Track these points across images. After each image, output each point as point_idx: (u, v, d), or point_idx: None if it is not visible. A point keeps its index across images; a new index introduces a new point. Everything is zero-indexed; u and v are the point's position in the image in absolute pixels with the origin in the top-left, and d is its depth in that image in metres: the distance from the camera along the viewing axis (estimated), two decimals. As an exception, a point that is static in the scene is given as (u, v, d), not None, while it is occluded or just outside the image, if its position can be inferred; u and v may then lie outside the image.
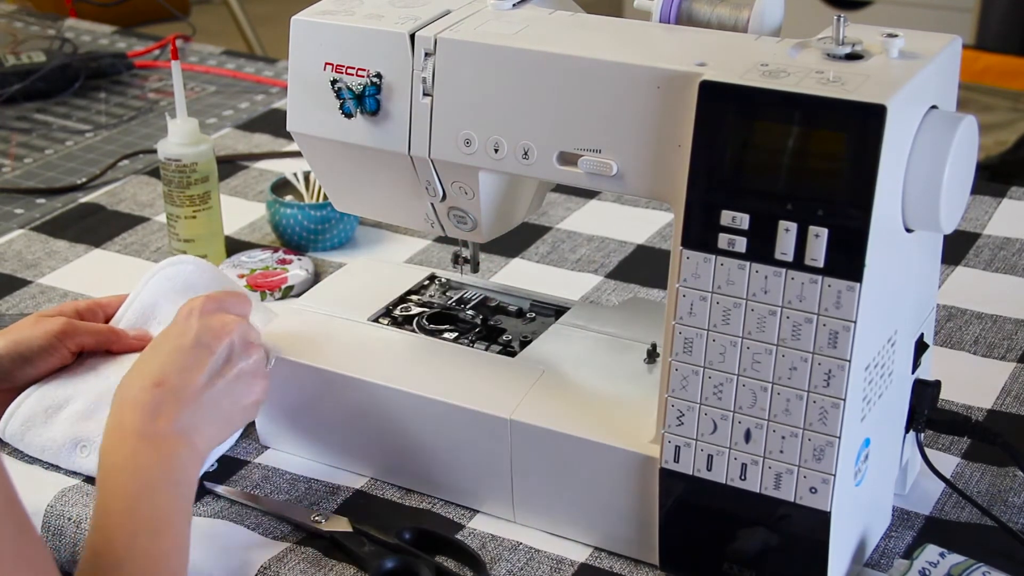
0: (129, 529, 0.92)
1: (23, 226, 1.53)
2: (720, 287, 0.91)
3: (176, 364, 1.00)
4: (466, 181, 1.03)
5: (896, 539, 1.03)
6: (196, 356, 1.01)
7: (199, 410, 0.99)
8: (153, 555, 0.91)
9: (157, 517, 0.93)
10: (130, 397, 0.99)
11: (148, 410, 0.97)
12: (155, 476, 0.95)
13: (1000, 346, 1.26)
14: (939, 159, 0.90)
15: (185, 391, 0.99)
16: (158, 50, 2.01)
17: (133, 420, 0.97)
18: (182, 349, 1.01)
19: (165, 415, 0.97)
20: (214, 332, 1.02)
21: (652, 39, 0.99)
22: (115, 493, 0.94)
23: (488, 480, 1.05)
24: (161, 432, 0.97)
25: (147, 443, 0.96)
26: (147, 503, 0.93)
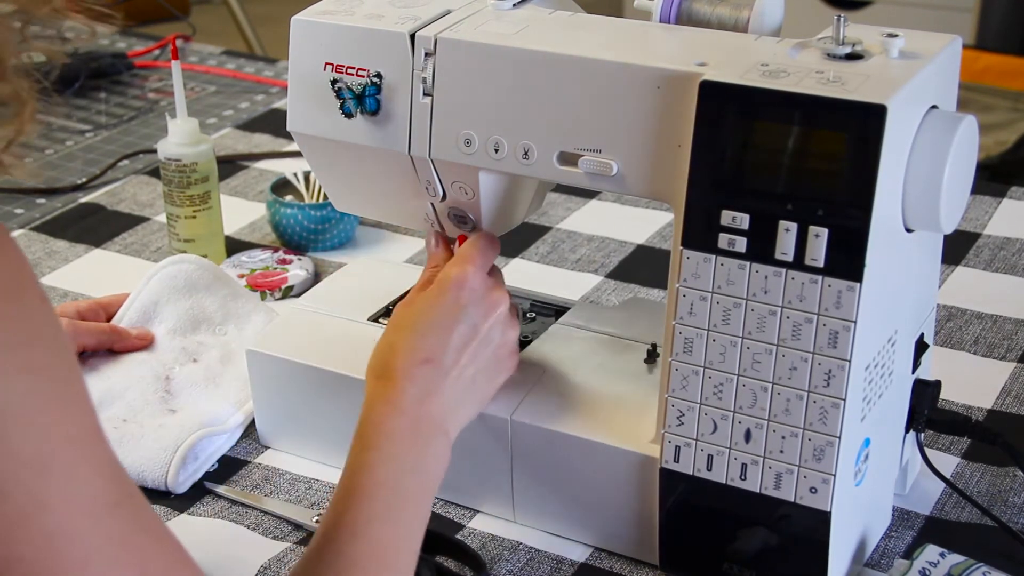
0: (366, 513, 0.88)
1: (23, 226, 1.53)
2: (720, 287, 0.91)
3: (445, 342, 0.95)
4: (466, 181, 1.03)
5: (896, 539, 1.03)
6: (464, 335, 0.96)
7: (461, 391, 0.96)
8: (383, 542, 0.88)
9: (397, 505, 0.89)
10: (400, 368, 0.94)
11: (418, 389, 0.93)
12: (408, 462, 0.91)
13: (1000, 346, 1.26)
14: (939, 159, 0.90)
15: (451, 374, 0.95)
16: (158, 50, 2.01)
17: (403, 395, 0.93)
18: (450, 326, 0.96)
19: (432, 399, 0.94)
20: (483, 311, 0.98)
21: (652, 39, 0.99)
22: (363, 473, 0.90)
23: (488, 480, 1.05)
24: (426, 416, 0.93)
25: (411, 425, 0.92)
26: (392, 489, 0.89)
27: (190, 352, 1.20)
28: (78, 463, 0.69)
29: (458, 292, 0.97)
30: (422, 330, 0.96)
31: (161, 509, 1.08)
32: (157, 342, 1.21)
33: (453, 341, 0.96)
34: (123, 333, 1.20)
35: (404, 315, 0.98)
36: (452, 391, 0.95)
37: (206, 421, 1.13)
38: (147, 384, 1.17)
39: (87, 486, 0.69)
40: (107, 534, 0.69)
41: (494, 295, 0.99)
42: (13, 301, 0.67)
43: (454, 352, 0.95)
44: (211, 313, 1.24)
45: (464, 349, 0.96)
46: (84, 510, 0.68)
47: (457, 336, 0.96)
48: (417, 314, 0.97)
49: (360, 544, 0.86)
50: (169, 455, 1.09)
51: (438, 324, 0.96)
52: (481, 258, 1.00)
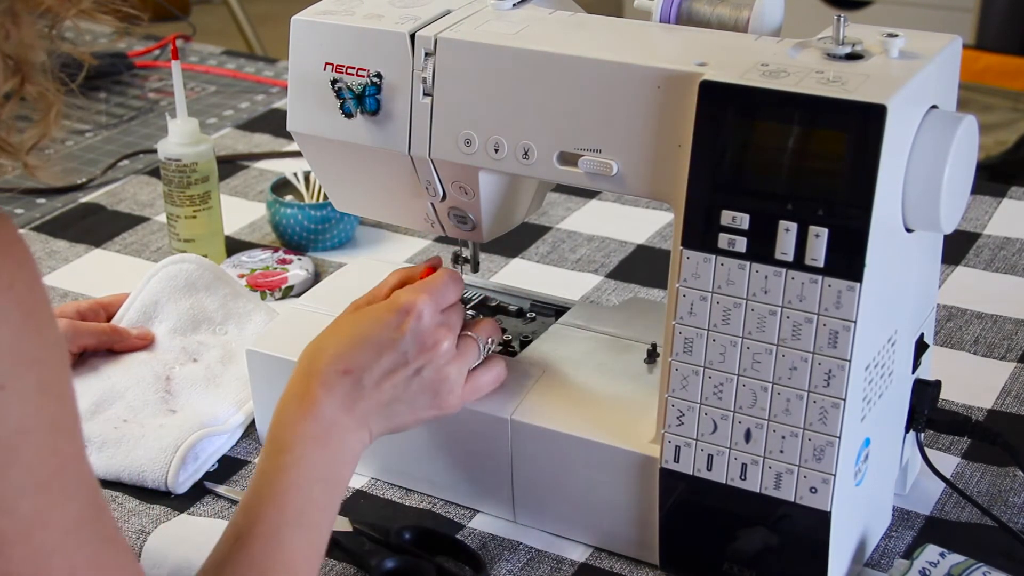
0: (278, 519, 0.88)
1: (23, 226, 1.53)
2: (720, 287, 0.91)
3: (371, 362, 0.95)
4: (466, 181, 1.03)
5: (896, 539, 1.03)
6: (393, 363, 0.96)
7: (373, 413, 0.95)
8: (294, 549, 0.88)
9: (307, 511, 0.90)
10: (321, 370, 0.94)
11: (334, 397, 0.93)
12: (319, 469, 0.91)
13: (1000, 346, 1.26)
14: (939, 159, 0.90)
15: (370, 394, 0.95)
16: (158, 50, 2.01)
17: (319, 401, 0.93)
18: (382, 348, 0.95)
19: (347, 408, 0.94)
20: (419, 345, 0.96)
21: (652, 39, 0.99)
22: (273, 477, 0.90)
23: (488, 480, 1.05)
24: (338, 424, 0.93)
25: (323, 431, 0.92)
26: (303, 495, 0.90)
27: (190, 352, 1.20)
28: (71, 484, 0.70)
29: (403, 317, 0.96)
30: (354, 343, 0.96)
31: (161, 509, 1.08)
32: (157, 342, 1.21)
33: (380, 364, 0.95)
34: (123, 333, 1.20)
35: (345, 322, 0.99)
36: (367, 407, 0.95)
37: (206, 421, 1.13)
38: (147, 384, 1.17)
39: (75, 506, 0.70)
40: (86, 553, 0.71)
41: (439, 331, 0.97)
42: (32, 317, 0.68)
43: (378, 373, 0.95)
44: (211, 313, 1.24)
45: (389, 375, 0.95)
46: (70, 530, 0.70)
47: (385, 360, 0.95)
48: (356, 325, 0.97)
49: (272, 551, 0.87)
50: (169, 455, 1.09)
51: (371, 342, 0.96)
52: (438, 293, 0.99)
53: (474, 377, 1.01)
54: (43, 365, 0.68)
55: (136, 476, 1.10)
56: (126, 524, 1.06)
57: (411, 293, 0.98)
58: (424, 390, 0.97)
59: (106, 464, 1.10)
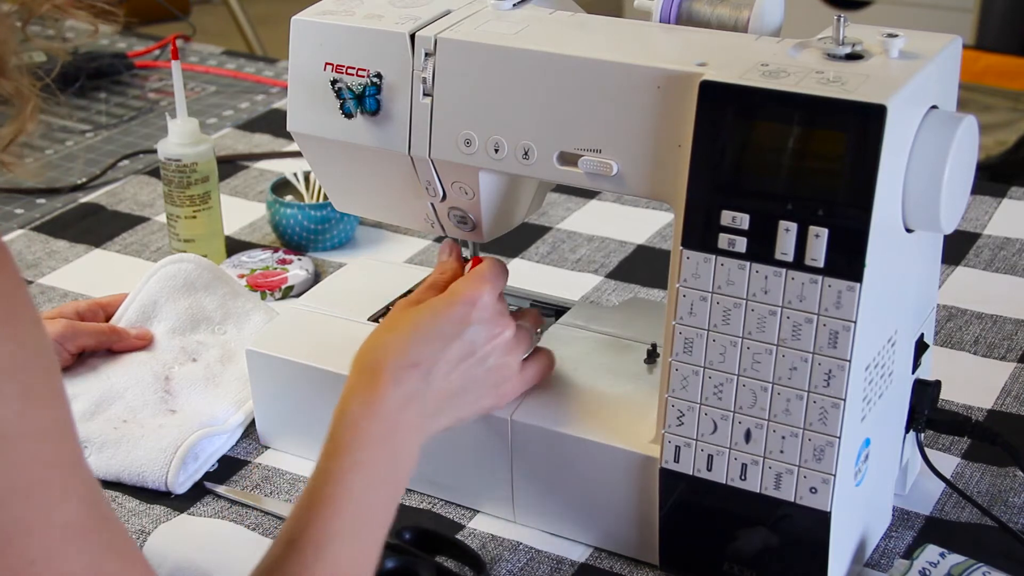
0: (333, 528, 0.85)
1: (23, 226, 1.53)
2: (720, 287, 0.91)
3: (440, 353, 0.93)
4: (466, 181, 1.03)
5: (896, 539, 1.03)
6: (462, 352, 0.95)
7: (441, 405, 0.94)
8: (348, 560, 0.85)
9: (364, 520, 0.87)
10: (387, 366, 0.91)
11: (402, 394, 0.91)
12: (379, 473, 0.89)
13: (1000, 346, 1.26)
14: (939, 159, 0.90)
15: (438, 387, 0.93)
16: (158, 50, 2.01)
17: (387, 396, 0.90)
18: (451, 339, 0.94)
19: (413, 406, 0.91)
20: (487, 333, 0.96)
21: (652, 39, 0.99)
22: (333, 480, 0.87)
23: (488, 480, 1.05)
24: (404, 423, 0.91)
25: (387, 431, 0.90)
26: (360, 502, 0.87)
27: (189, 352, 1.20)
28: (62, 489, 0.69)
29: (468, 308, 0.95)
30: (420, 335, 0.94)
31: (161, 509, 1.08)
32: (156, 341, 1.21)
33: (449, 354, 0.94)
34: (122, 333, 1.20)
35: (404, 317, 0.96)
36: (433, 401, 0.93)
37: (206, 421, 1.13)
38: (147, 384, 1.17)
39: (68, 512, 0.69)
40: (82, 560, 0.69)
41: (502, 320, 0.98)
42: (8, 324, 0.66)
43: (446, 364, 0.94)
44: (210, 312, 1.24)
45: (457, 364, 0.95)
46: (64, 536, 0.68)
47: (454, 350, 0.94)
48: (419, 319, 0.95)
49: (325, 561, 0.84)
50: (169, 455, 1.09)
51: (438, 334, 0.94)
52: (497, 281, 0.99)
53: (526, 367, 1.01)
54: (25, 371, 0.67)
55: (136, 476, 1.10)
56: (126, 524, 1.06)
57: (473, 284, 0.97)
58: (488, 380, 0.97)
59: (106, 464, 1.10)
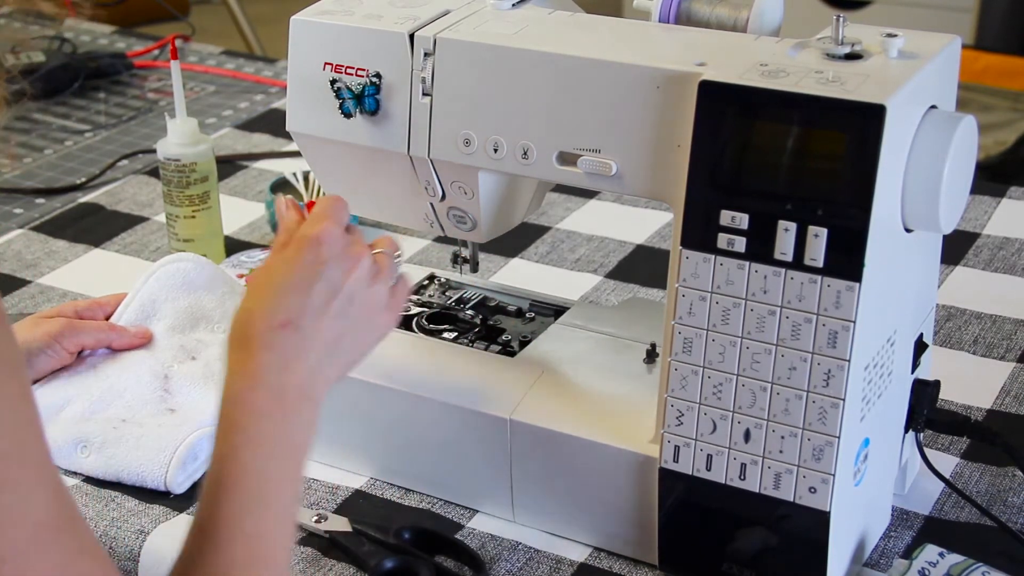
0: (237, 505, 0.83)
1: (23, 226, 1.53)
2: (719, 287, 0.91)
3: (304, 303, 0.89)
4: (466, 181, 1.03)
5: (895, 539, 1.03)
6: (325, 295, 0.90)
7: (325, 354, 0.90)
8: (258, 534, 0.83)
9: (268, 491, 0.85)
10: (257, 335, 0.88)
11: (277, 356, 0.87)
12: (274, 442, 0.86)
13: (999, 346, 1.26)
14: (939, 159, 0.90)
15: (314, 336, 0.89)
16: (157, 50, 2.01)
17: (264, 366, 0.87)
18: (308, 286, 0.90)
19: (294, 365, 0.88)
20: (344, 268, 0.91)
21: (652, 39, 0.99)
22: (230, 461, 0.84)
23: (488, 480, 1.05)
24: (289, 385, 0.87)
25: (274, 398, 0.86)
26: (260, 474, 0.84)
27: (189, 350, 1.20)
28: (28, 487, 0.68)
29: (316, 248, 0.91)
30: (280, 292, 0.90)
31: (160, 509, 1.08)
32: (156, 340, 1.21)
33: (313, 301, 0.89)
34: (121, 331, 1.20)
35: (259, 280, 0.92)
36: (315, 353, 0.89)
37: (205, 420, 1.13)
38: (146, 383, 1.16)
39: (35, 511, 0.69)
40: (52, 559, 0.69)
41: (354, 250, 0.93)
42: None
43: (314, 312, 0.89)
44: (209, 311, 1.24)
45: (325, 308, 0.90)
46: (31, 535, 0.68)
47: (316, 295, 0.90)
48: (273, 275, 0.91)
49: (236, 542, 0.82)
50: (168, 455, 1.09)
51: (296, 284, 0.90)
52: (337, 215, 0.94)
53: (394, 292, 0.97)
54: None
55: (135, 476, 1.10)
56: (125, 524, 1.06)
57: (313, 223, 0.93)
58: (362, 314, 0.93)
59: (105, 464, 1.10)
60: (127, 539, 1.05)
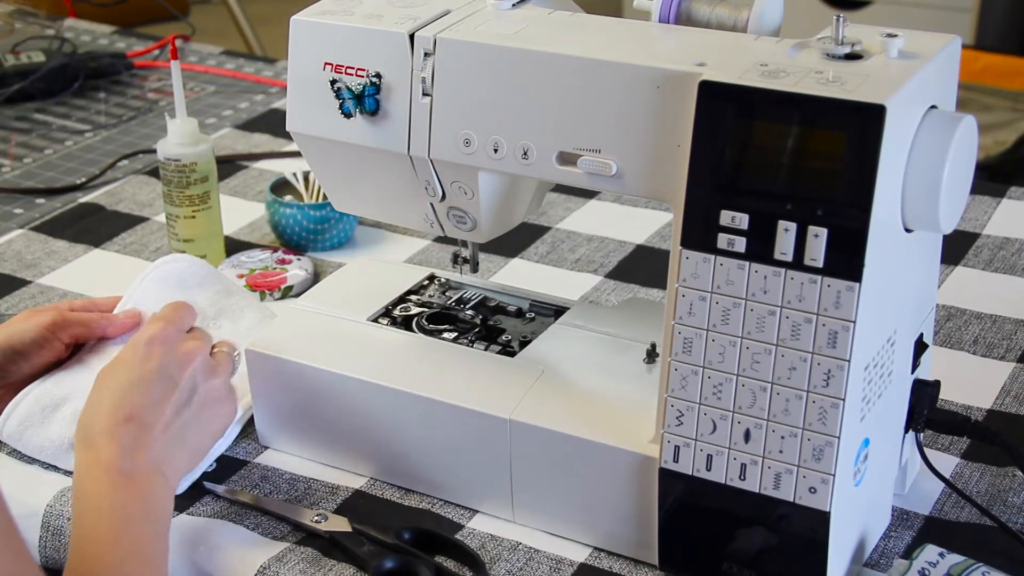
0: (114, 558, 0.91)
1: (23, 226, 1.53)
2: (719, 287, 0.91)
3: (144, 398, 0.99)
4: (466, 181, 1.03)
5: (895, 539, 1.03)
6: (162, 389, 1.00)
7: (170, 443, 0.99)
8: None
9: (139, 549, 0.93)
10: (103, 430, 0.97)
11: (124, 446, 0.96)
12: (134, 511, 0.94)
13: (1000, 346, 1.26)
14: (939, 159, 0.90)
15: (156, 426, 0.99)
16: (157, 50, 2.01)
17: (110, 455, 0.96)
18: (147, 382, 1.00)
19: (140, 451, 0.97)
20: (178, 362, 1.02)
21: (652, 39, 0.99)
22: (96, 527, 0.93)
23: (488, 480, 1.05)
24: (138, 468, 0.96)
25: (124, 479, 0.95)
26: (128, 536, 0.93)
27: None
28: None
29: (150, 349, 1.01)
30: (122, 390, 0.99)
31: (160, 509, 1.08)
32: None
33: (152, 395, 0.99)
34: (112, 319, 1.20)
35: (105, 377, 1.01)
36: (160, 443, 0.98)
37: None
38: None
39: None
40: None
41: (186, 346, 1.04)
42: None
43: (154, 407, 0.99)
44: (204, 308, 1.23)
45: (165, 402, 1.00)
46: None
47: (156, 391, 1.00)
48: (116, 374, 1.01)
49: None
50: (168, 455, 1.09)
51: (137, 382, 1.00)
52: (174, 316, 1.06)
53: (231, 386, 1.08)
54: None
55: (135, 476, 1.10)
56: (125, 524, 1.06)
57: (147, 326, 1.05)
58: (204, 404, 1.03)
59: (105, 464, 1.10)
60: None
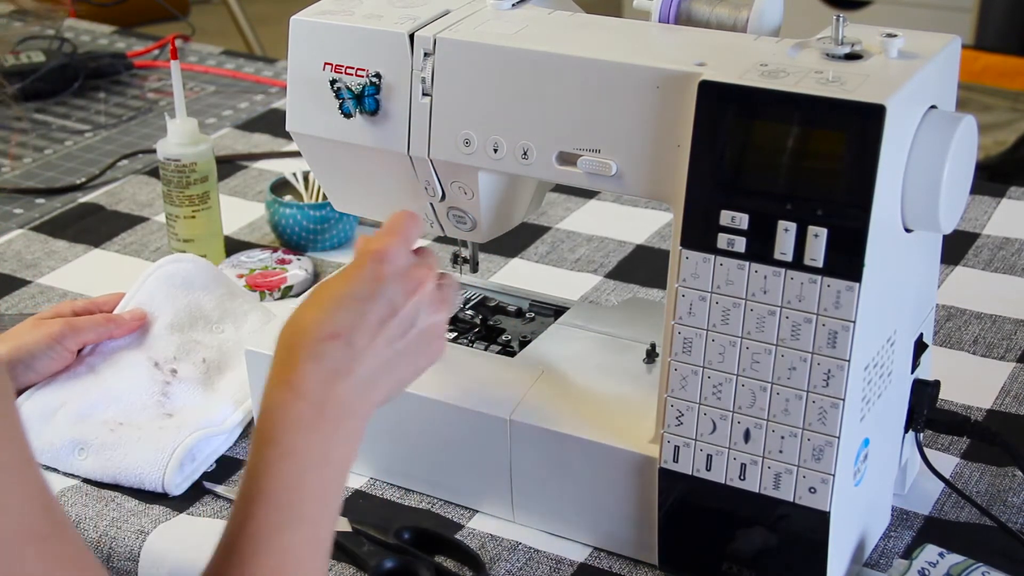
0: (269, 521, 0.80)
1: (22, 226, 1.53)
2: (719, 287, 0.91)
3: (358, 319, 0.86)
4: (465, 181, 1.03)
5: (895, 539, 1.03)
6: (381, 315, 0.87)
7: (374, 376, 0.86)
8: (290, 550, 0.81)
9: (302, 507, 0.82)
10: (304, 344, 0.85)
11: (324, 369, 0.84)
12: (312, 455, 0.83)
13: (999, 346, 1.26)
14: (938, 159, 0.90)
15: (365, 354, 0.86)
16: (157, 50, 2.01)
17: (305, 376, 0.84)
18: (365, 300, 0.87)
19: (339, 380, 0.84)
20: (404, 288, 0.88)
21: (651, 39, 0.99)
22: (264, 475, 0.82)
23: (488, 480, 1.05)
24: (333, 399, 0.84)
25: (314, 411, 0.83)
26: (295, 490, 0.82)
27: (187, 349, 1.20)
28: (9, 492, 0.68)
29: (377, 266, 0.88)
30: (334, 304, 0.86)
31: (160, 509, 1.08)
32: (154, 338, 1.21)
33: (368, 318, 0.86)
34: (118, 320, 1.20)
35: (319, 290, 0.89)
36: (364, 371, 0.86)
37: (203, 422, 1.13)
38: (144, 386, 1.16)
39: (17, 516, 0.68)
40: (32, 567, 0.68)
41: (418, 272, 0.90)
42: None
43: (368, 329, 0.86)
44: (208, 311, 1.24)
45: (381, 328, 0.87)
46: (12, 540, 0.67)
47: (373, 313, 0.86)
48: (331, 289, 0.88)
49: (263, 557, 0.79)
50: (166, 457, 1.09)
51: (352, 298, 0.87)
52: (404, 232, 0.91)
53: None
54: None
55: (133, 478, 1.10)
56: (125, 524, 1.06)
57: (379, 239, 0.90)
58: (420, 339, 0.90)
59: (103, 466, 1.10)
60: (127, 539, 1.05)
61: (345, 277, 0.88)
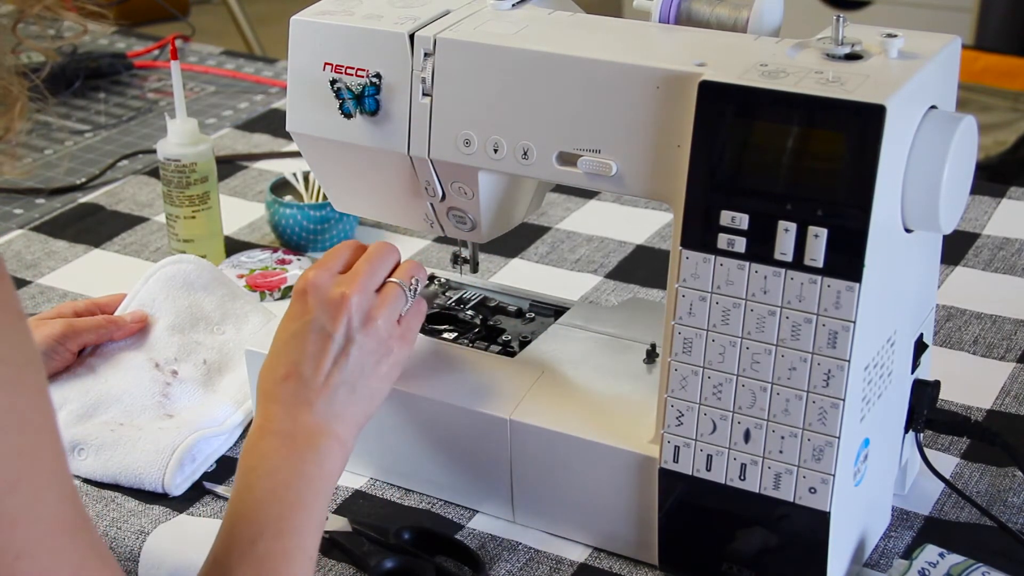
0: (251, 532, 0.87)
1: (22, 226, 1.53)
2: (719, 287, 0.91)
3: (300, 356, 0.95)
4: (465, 181, 1.03)
5: (895, 539, 1.03)
6: (318, 344, 0.95)
7: (337, 398, 0.94)
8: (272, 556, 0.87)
9: (283, 517, 0.88)
10: (266, 392, 0.95)
11: (285, 407, 0.93)
12: (287, 473, 0.90)
13: (999, 346, 1.26)
14: (938, 159, 0.90)
15: (317, 382, 0.94)
16: (157, 50, 2.01)
17: (271, 417, 0.93)
18: (301, 335, 0.96)
19: (303, 413, 0.93)
20: (329, 313, 0.96)
21: (651, 39, 0.99)
22: (244, 497, 0.89)
23: (488, 480, 1.05)
24: (300, 428, 0.92)
25: (283, 440, 0.92)
26: (275, 503, 0.89)
27: (187, 350, 1.20)
28: (46, 485, 0.69)
29: (302, 300, 0.97)
30: (280, 347, 0.97)
31: (160, 509, 1.08)
32: (155, 339, 1.21)
33: (308, 350, 0.95)
34: (119, 321, 1.20)
35: (274, 336, 0.99)
36: (324, 398, 0.94)
37: (204, 423, 1.13)
38: (144, 387, 1.16)
39: (53, 509, 0.69)
40: (68, 558, 0.70)
41: (333, 293, 0.96)
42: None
43: (311, 361, 0.95)
44: (209, 312, 1.24)
45: (322, 356, 0.95)
46: (49, 532, 0.69)
47: (311, 344, 0.95)
48: (278, 333, 0.98)
49: (247, 564, 0.85)
50: (166, 457, 1.09)
51: (291, 337, 0.96)
52: (329, 260, 0.99)
53: (405, 320, 1.00)
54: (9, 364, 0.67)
55: (133, 479, 1.10)
56: (125, 524, 1.06)
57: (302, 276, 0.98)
58: (364, 352, 0.96)
59: (103, 466, 1.10)
60: (127, 539, 1.05)
61: (285, 319, 0.98)
